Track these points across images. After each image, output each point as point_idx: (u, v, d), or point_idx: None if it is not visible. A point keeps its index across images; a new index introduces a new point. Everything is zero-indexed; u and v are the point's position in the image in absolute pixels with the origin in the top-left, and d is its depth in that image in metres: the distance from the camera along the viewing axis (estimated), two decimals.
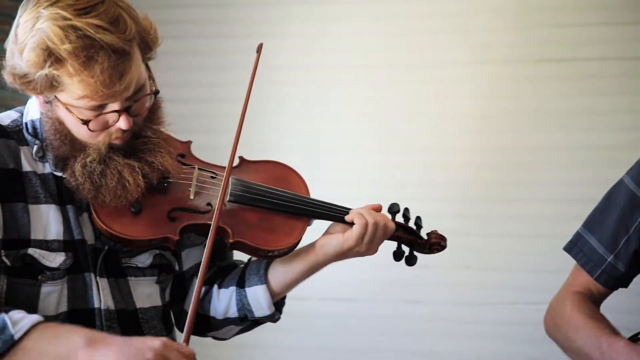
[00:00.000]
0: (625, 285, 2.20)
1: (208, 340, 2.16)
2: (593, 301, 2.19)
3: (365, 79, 4.12)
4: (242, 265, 2.06)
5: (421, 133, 4.07)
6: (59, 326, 1.67)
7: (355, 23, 4.13)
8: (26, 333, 1.60)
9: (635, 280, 2.21)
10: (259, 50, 2.04)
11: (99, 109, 1.74)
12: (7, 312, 1.62)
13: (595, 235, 2.19)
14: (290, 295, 2.09)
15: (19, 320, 1.61)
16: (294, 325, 4.00)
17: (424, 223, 2.10)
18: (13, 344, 1.59)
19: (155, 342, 1.59)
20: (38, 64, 1.68)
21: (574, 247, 2.24)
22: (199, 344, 1.73)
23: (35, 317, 1.63)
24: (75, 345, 1.59)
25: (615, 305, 2.33)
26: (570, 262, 2.27)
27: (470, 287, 3.98)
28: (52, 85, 1.71)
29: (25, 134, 1.85)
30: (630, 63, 3.92)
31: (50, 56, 1.67)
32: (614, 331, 2.06)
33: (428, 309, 4.00)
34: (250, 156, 2.05)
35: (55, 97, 1.75)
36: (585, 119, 3.95)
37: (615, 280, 2.18)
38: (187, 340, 1.66)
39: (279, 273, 1.99)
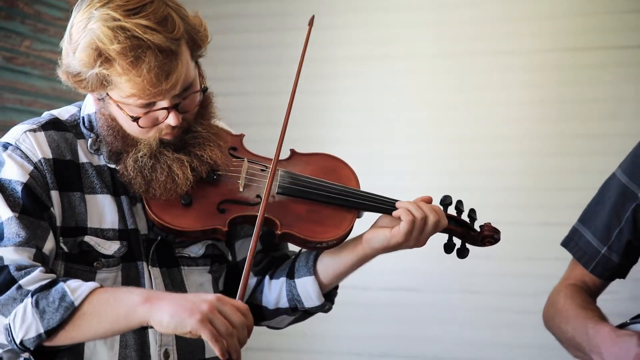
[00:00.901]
0: (622, 276, 2.22)
1: (265, 329, 2.20)
2: (589, 293, 2.21)
3: (423, 68, 4.11)
4: (293, 257, 2.09)
5: (478, 122, 4.04)
6: (116, 289, 1.74)
7: (412, 13, 4.12)
8: (86, 298, 1.66)
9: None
10: (311, 23, 2.04)
11: (148, 106, 1.79)
12: (64, 281, 1.69)
13: (590, 228, 2.22)
14: (351, 285, 2.10)
15: (78, 287, 1.67)
16: (354, 314, 4.02)
17: (481, 215, 2.07)
18: (74, 310, 1.65)
19: (209, 296, 1.63)
20: (89, 64, 1.74)
21: (570, 241, 2.28)
22: (255, 332, 1.74)
23: (92, 283, 1.69)
24: (133, 304, 1.64)
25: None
26: None
27: (532, 278, 3.94)
28: (102, 83, 1.77)
29: (82, 128, 1.91)
30: None
31: (100, 56, 1.72)
32: (601, 318, 2.07)
33: (489, 300, 3.98)
34: (309, 149, 2.08)
35: (107, 94, 1.80)
36: None
37: (611, 271, 2.20)
38: (241, 297, 1.70)
39: (327, 264, 2.00)
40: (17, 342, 1.66)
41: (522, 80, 4.01)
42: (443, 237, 2.03)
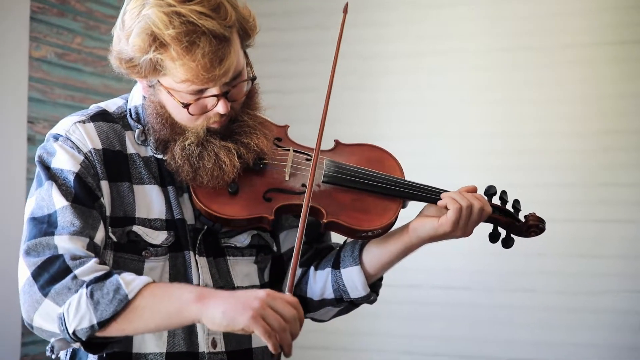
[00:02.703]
0: None
1: (314, 327, 2.19)
2: None
3: (472, 64, 4.09)
4: (338, 247, 2.09)
5: (532, 117, 4.01)
6: (169, 285, 1.75)
7: (462, 8, 4.10)
8: (139, 292, 1.67)
9: None
10: (345, 10, 2.04)
11: (199, 93, 1.81)
12: (119, 274, 1.70)
13: None
14: (402, 284, 2.09)
15: (132, 280, 1.68)
16: (405, 313, 4.01)
17: (536, 212, 2.06)
18: (127, 303, 1.66)
19: (260, 292, 1.64)
20: (143, 49, 1.76)
21: None
22: (305, 330, 1.74)
23: (145, 278, 1.70)
24: (186, 301, 1.65)
25: None
26: None
27: (588, 276, 3.89)
28: (155, 69, 1.79)
29: (129, 119, 1.94)
30: None
31: (155, 41, 1.75)
32: None
33: (544, 298, 3.94)
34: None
35: (158, 81, 1.83)
36: None
37: None
38: (291, 290, 1.70)
39: (373, 254, 2.00)
40: (70, 332, 1.68)
41: (575, 76, 3.96)
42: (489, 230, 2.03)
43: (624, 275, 3.85)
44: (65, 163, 1.82)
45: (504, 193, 2.04)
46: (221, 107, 1.82)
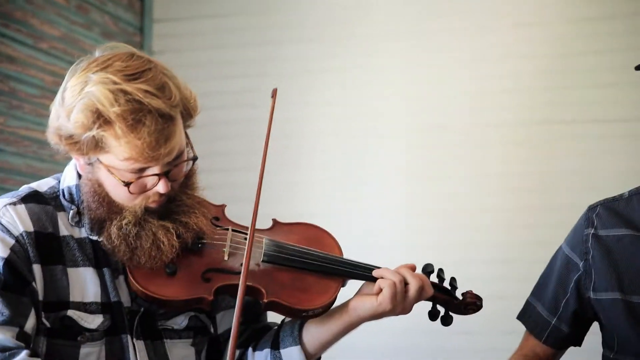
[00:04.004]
0: (578, 344, 2.32)
1: None
2: None
3: (401, 142, 4.15)
4: (276, 327, 2.07)
5: (460, 195, 4.06)
6: None
7: (389, 87, 4.18)
8: None
9: None
10: (274, 95, 2.04)
11: (140, 172, 1.79)
12: None
13: (540, 300, 2.32)
14: None
15: None
16: None
17: (464, 288, 2.08)
18: None
19: None
20: (86, 126, 1.74)
21: (524, 314, 2.37)
22: None
23: None
24: None
25: None
26: None
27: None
28: (97, 146, 1.76)
29: (62, 200, 1.90)
30: None
31: (99, 118, 1.73)
32: None
33: None
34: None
35: (98, 159, 1.80)
36: None
37: (562, 341, 2.30)
38: None
39: (313, 333, 1.98)
40: None
41: (503, 150, 4.05)
42: (427, 308, 2.04)
43: None
44: None
45: (441, 271, 2.06)
46: (162, 187, 1.81)
